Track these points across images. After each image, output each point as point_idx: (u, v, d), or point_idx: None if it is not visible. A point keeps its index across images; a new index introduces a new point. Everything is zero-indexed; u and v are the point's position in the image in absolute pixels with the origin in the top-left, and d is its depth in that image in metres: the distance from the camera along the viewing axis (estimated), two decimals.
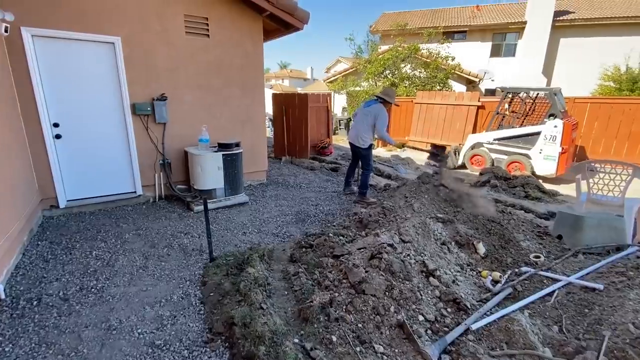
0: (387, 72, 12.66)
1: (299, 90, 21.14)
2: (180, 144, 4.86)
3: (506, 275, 2.61)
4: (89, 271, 2.95)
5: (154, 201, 4.83)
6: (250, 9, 5.05)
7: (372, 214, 3.63)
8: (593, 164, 3.56)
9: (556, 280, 2.48)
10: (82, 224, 3.96)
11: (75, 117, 4.15)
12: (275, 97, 8.21)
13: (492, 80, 17.84)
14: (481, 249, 2.87)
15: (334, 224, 4.11)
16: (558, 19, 16.39)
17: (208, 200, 4.54)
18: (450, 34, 16.91)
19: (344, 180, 5.43)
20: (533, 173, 6.41)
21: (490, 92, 17.47)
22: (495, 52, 18.34)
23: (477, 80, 16.24)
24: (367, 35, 15.51)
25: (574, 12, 16.91)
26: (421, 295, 2.34)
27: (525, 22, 16.82)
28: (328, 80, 16.63)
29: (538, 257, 2.76)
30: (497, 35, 18.09)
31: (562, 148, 6.05)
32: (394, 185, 5.76)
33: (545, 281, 2.51)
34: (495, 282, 2.57)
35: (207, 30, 4.83)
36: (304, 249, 3.19)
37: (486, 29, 17.94)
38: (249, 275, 2.62)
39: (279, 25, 5.52)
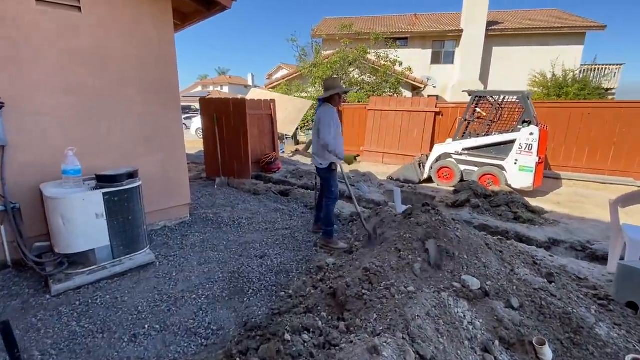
0: (335, 76, 11.64)
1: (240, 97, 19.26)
2: (39, 178, 3.04)
3: None
4: None
5: None
6: None
7: (350, 284, 2.28)
8: None
9: None
10: None
11: None
12: (203, 103, 6.55)
13: (434, 87, 18.06)
14: (547, 354, 1.69)
15: (290, 292, 2.69)
16: (490, 28, 17.10)
17: (82, 269, 2.84)
18: (393, 41, 16.69)
19: (314, 215, 4.07)
20: (508, 186, 5.69)
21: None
22: (436, 59, 18.65)
23: (422, 86, 16.13)
24: (310, 38, 14.42)
25: (502, 23, 17.85)
26: None
27: (461, 31, 17.27)
28: (270, 86, 15.18)
29: None
30: (437, 43, 18.41)
31: (539, 158, 5.41)
32: (364, 214, 4.52)
33: None
34: None
35: (77, 0, 3.12)
36: None
37: (426, 36, 18.13)
38: None
39: (199, 3, 4.00)
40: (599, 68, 16.93)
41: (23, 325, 2.27)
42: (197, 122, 14.84)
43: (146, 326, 2.29)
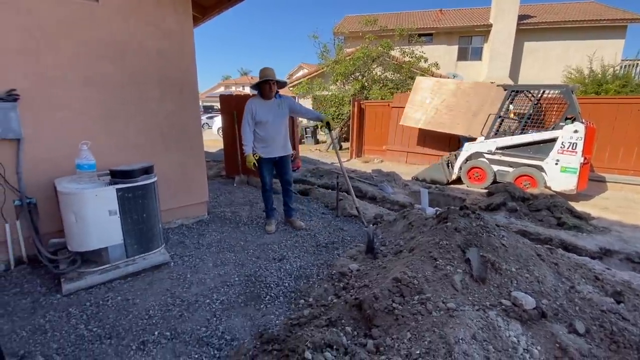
0: (357, 73, 11.34)
1: None
2: (55, 172, 2.96)
3: None
4: None
5: (7, 269, 2.88)
6: None
7: (379, 295, 2.02)
8: None
9: None
10: None
11: None
12: (223, 100, 6.45)
13: None
14: None
15: (310, 301, 2.46)
16: (522, 22, 16.24)
17: (94, 268, 2.72)
18: (417, 36, 16.18)
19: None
20: (548, 189, 5.22)
21: None
22: (462, 55, 17.94)
23: None
24: (332, 35, 14.19)
25: (535, 16, 16.91)
26: None
27: (490, 25, 16.51)
28: (291, 85, 15.07)
29: None
30: (463, 39, 17.70)
31: (584, 158, 4.91)
32: (387, 216, 4.24)
33: None
34: None
35: None
36: None
37: (452, 32, 17.48)
38: None
39: None
40: None
41: (30, 326, 2.16)
42: (218, 122, 15.20)
43: (156, 333, 2.13)
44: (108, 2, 3.08)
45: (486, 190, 5.30)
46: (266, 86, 3.41)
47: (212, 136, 17.31)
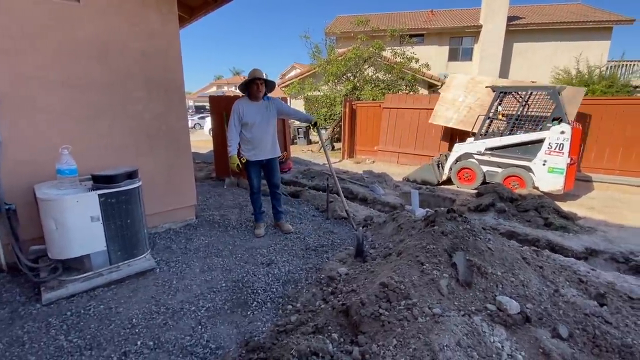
0: (349, 74, 11.34)
1: None
2: (35, 177, 2.88)
3: None
4: None
5: None
6: None
7: (365, 301, 2.00)
8: None
9: None
10: None
11: None
12: (213, 100, 6.38)
13: None
14: None
15: (298, 306, 2.43)
16: (511, 23, 16.46)
17: (76, 276, 2.66)
18: (409, 37, 16.26)
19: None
20: (536, 189, 5.28)
21: None
22: (453, 56, 18.12)
23: (438, 84, 15.61)
24: (324, 35, 14.17)
25: (524, 18, 17.15)
26: None
27: (480, 26, 16.70)
28: (283, 85, 15.00)
29: None
30: (454, 39, 17.87)
31: (571, 159, 4.98)
32: (377, 218, 4.23)
33: None
34: None
35: None
36: None
37: (443, 33, 17.64)
38: None
39: None
40: (627, 64, 16.00)
41: (7, 338, 2.09)
42: (210, 122, 15.08)
43: (139, 342, 2.08)
44: (90, 2, 3.00)
45: (476, 191, 5.34)
46: (254, 86, 3.37)
47: (204, 137, 17.17)
